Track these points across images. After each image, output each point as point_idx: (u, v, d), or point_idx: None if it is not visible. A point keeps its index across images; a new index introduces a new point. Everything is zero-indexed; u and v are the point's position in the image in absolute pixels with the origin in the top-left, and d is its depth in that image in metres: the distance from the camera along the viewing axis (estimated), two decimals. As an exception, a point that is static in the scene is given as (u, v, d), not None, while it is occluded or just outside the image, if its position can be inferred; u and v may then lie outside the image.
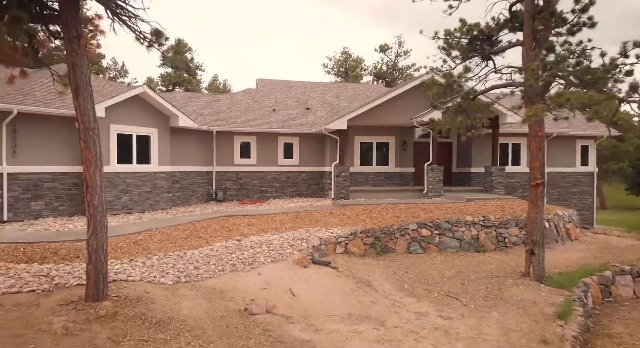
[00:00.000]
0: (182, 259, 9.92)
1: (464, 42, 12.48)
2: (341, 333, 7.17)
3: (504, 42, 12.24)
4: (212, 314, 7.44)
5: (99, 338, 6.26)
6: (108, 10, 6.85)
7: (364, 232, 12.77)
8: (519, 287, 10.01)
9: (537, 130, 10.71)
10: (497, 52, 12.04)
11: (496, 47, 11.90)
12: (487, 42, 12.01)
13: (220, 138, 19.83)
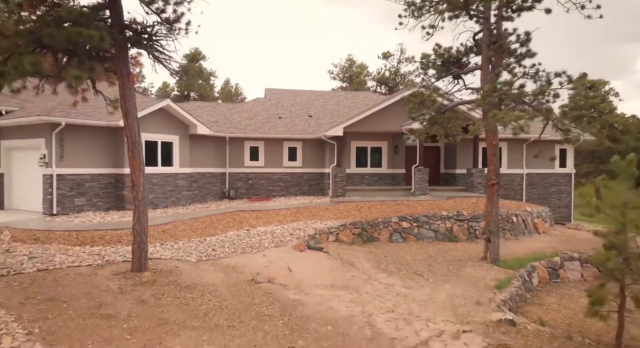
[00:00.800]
0: (202, 244, 12.13)
1: (438, 63, 14.54)
2: (324, 296, 9.31)
3: (472, 64, 14.27)
4: (227, 282, 9.62)
5: (144, 295, 8.47)
6: (150, 55, 9.05)
7: (352, 224, 14.90)
8: (474, 268, 12.06)
9: (491, 139, 12.74)
10: (465, 73, 14.07)
11: (463, 70, 13.93)
12: (456, 65, 14.05)
13: (233, 143, 22.07)
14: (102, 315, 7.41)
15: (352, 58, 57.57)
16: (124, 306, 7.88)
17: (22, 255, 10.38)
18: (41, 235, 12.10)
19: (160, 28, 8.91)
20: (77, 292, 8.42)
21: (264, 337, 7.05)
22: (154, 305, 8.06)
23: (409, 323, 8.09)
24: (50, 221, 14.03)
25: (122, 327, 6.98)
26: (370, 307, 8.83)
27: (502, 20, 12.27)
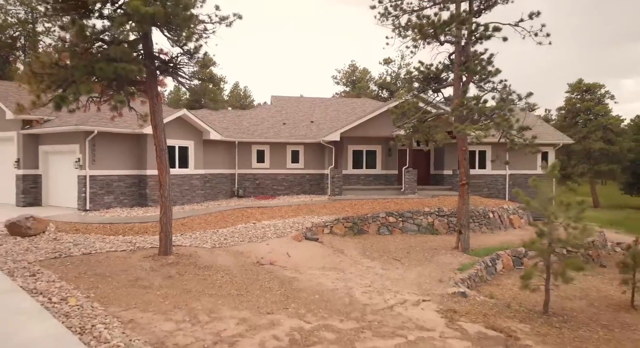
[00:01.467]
0: (216, 234, 14.12)
1: (420, 78, 16.41)
2: (315, 275, 11.24)
3: (449, 80, 16.10)
4: (236, 264, 11.58)
5: (171, 272, 10.45)
6: (174, 80, 11.04)
7: (345, 219, 16.81)
8: (446, 255, 13.92)
9: (461, 145, 14.58)
10: (442, 87, 15.93)
11: (441, 85, 15.78)
12: (435, 80, 15.90)
13: (241, 147, 24.07)
14: (139, 286, 9.41)
15: (355, 64, 59.50)
16: (156, 280, 9.87)
17: (68, 243, 12.43)
18: (80, 227, 14.16)
19: (182, 58, 10.91)
20: (117, 270, 10.43)
21: (265, 302, 8.99)
22: (179, 279, 10.05)
23: (380, 294, 9.99)
24: (85, 215, 16.09)
25: (156, 294, 8.96)
26: (352, 283, 10.75)
27: (471, 44, 14.11)
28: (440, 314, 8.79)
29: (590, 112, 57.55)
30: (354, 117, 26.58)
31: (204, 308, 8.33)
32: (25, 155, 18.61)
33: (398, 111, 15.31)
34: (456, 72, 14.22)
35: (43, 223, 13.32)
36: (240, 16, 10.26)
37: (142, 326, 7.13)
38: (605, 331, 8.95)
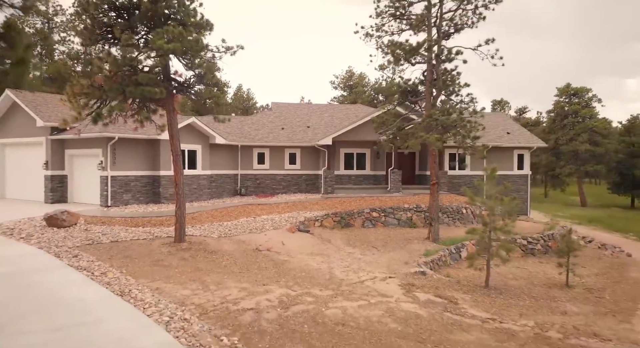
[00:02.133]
0: (221, 226, 16.23)
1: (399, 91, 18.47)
2: (304, 258, 13.34)
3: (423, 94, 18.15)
4: (239, 249, 13.69)
5: (185, 256, 12.56)
6: (188, 97, 13.15)
7: (334, 214, 18.90)
8: (417, 244, 16.01)
9: (432, 151, 16.64)
10: (418, 100, 17.99)
11: (417, 98, 17.85)
12: (412, 93, 17.97)
13: (243, 150, 26.18)
14: (160, 265, 11.52)
15: (352, 69, 61.61)
16: (173, 261, 11.99)
17: (97, 233, 14.55)
18: (105, 220, 16.29)
19: (195, 79, 13.02)
20: (141, 253, 12.54)
21: (261, 277, 11.09)
22: (192, 260, 12.16)
23: (355, 273, 12.09)
24: (107, 211, 18.22)
25: (175, 271, 11.07)
26: (333, 264, 12.85)
27: (440, 63, 16.18)
28: (400, 287, 10.89)
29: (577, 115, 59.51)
30: (347, 122, 28.64)
31: (212, 281, 10.44)
32: (53, 158, 20.75)
33: (379, 120, 17.40)
34: (427, 88, 16.30)
35: (75, 216, 15.45)
36: (242, 47, 12.36)
37: (166, 292, 9.24)
38: (532, 301, 11.04)
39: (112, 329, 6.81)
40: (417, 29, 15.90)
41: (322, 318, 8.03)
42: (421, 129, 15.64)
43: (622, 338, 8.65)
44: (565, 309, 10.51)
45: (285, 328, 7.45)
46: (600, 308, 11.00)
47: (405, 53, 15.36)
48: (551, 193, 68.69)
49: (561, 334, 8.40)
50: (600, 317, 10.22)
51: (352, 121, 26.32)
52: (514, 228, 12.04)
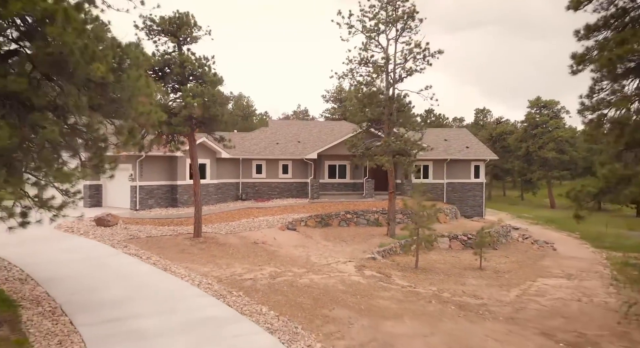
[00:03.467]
0: (228, 225, 20.37)
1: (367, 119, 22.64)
2: (289, 249, 17.50)
3: (386, 121, 22.32)
4: (241, 243, 17.83)
5: (202, 246, 16.70)
6: (205, 132, 17.31)
7: (316, 216, 23.06)
8: (378, 238, 20.18)
9: (389, 167, 20.82)
10: (381, 127, 22.18)
11: (380, 126, 22.04)
12: (377, 122, 22.16)
13: (244, 162, 30.31)
14: (185, 253, 15.64)
15: (342, 84, 65.94)
16: (194, 250, 16.12)
17: (134, 230, 18.64)
18: (138, 220, 20.37)
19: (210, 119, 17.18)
20: (170, 245, 16.66)
21: (258, 261, 15.22)
22: (207, 250, 16.29)
23: (325, 258, 16.26)
24: (137, 213, 22.31)
25: (196, 256, 15.20)
26: (311, 253, 17.02)
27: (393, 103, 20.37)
28: (355, 267, 15.07)
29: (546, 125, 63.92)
30: (332, 138, 32.81)
31: (223, 263, 14.59)
32: (90, 170, 24.82)
33: (350, 143, 21.61)
34: (385, 121, 20.51)
35: (116, 218, 19.56)
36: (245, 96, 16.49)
37: (193, 269, 13.37)
38: (445, 277, 15.25)
39: (165, 287, 10.96)
40: (378, 74, 20.11)
41: (296, 284, 12.21)
42: (379, 151, 19.87)
43: (492, 299, 12.86)
44: (466, 282, 14.72)
45: (271, 288, 11.61)
46: (493, 282, 15.21)
47: (366, 97, 19.56)
48: (527, 196, 72.90)
49: (450, 295, 12.61)
50: (489, 287, 14.43)
51: (336, 137, 30.48)
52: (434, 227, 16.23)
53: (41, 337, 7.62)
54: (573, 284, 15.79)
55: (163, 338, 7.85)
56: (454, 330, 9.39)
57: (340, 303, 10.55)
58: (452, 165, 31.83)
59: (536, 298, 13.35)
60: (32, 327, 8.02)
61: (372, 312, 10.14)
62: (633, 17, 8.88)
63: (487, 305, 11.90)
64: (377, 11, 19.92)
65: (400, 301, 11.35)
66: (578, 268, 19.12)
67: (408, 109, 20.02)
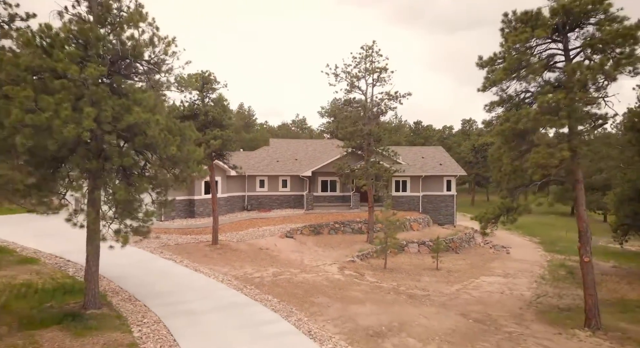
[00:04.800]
0: (237, 234, 24.32)
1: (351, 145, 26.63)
2: (288, 254, 21.45)
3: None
4: (249, 249, 21.78)
5: (219, 252, 20.65)
6: (221, 161, 21.29)
7: (310, 225, 27.00)
8: (360, 245, 24.14)
9: (369, 187, 24.78)
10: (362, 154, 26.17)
11: (361, 153, 26.02)
12: (359, 149, 26.16)
13: (249, 178, 34.26)
14: (207, 257, 19.59)
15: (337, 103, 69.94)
16: (213, 255, 20.06)
17: (164, 239, 22.53)
18: (165, 230, 24.27)
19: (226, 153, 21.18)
20: (195, 250, 20.60)
21: (263, 263, 19.16)
22: (224, 255, 20.23)
23: (316, 261, 20.22)
24: (162, 224, 26.19)
25: (216, 259, 19.15)
26: (305, 257, 20.97)
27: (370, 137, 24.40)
28: (337, 268, 19.03)
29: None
30: (324, 156, 36.77)
31: (237, 265, 18.54)
32: (122, 187, 28.77)
33: (337, 166, 25.64)
34: (365, 149, 24.52)
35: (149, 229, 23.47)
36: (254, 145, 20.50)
37: (215, 270, 17.31)
38: (406, 275, 19.22)
39: (198, 283, 14.91)
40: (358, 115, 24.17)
41: (292, 281, 16.18)
42: (360, 174, 23.91)
43: (436, 292, 16.83)
44: (421, 279, 18.71)
45: (274, 283, 15.57)
46: (443, 280, 19.19)
47: (348, 133, 23.62)
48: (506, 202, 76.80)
49: (405, 288, 16.59)
50: (437, 283, 18.41)
51: (329, 156, 34.46)
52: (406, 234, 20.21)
53: (129, 313, 11.58)
54: (505, 281, 19.80)
55: (205, 314, 11.81)
56: (399, 311, 13.37)
57: (323, 294, 14.54)
58: (427, 180, 35.87)
59: (470, 291, 17.35)
60: (120, 308, 11.99)
61: (345, 299, 14.13)
62: (515, 102, 12.85)
63: (429, 296, 15.90)
64: (359, 61, 24.00)
65: (367, 292, 15.33)
66: (518, 269, 23.11)
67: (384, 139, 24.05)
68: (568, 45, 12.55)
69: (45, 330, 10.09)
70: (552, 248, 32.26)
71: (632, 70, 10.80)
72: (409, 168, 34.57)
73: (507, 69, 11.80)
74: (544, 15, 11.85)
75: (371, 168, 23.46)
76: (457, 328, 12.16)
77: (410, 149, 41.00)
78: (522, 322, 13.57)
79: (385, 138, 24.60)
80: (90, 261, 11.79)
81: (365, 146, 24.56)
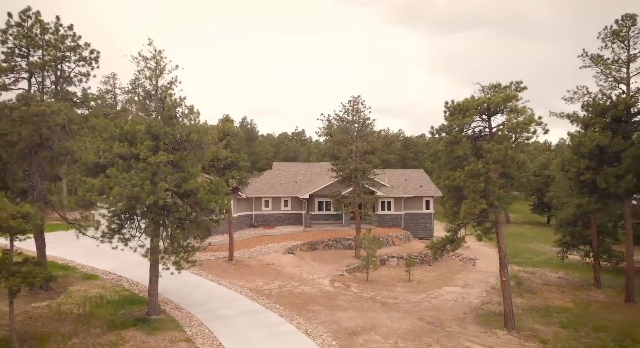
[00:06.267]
0: (248, 251, 28.57)
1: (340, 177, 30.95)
2: (290, 269, 25.70)
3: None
4: (259, 265, 26.03)
5: (235, 267, 24.92)
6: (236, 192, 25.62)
7: (307, 242, 31.25)
8: (349, 259, 28.40)
9: (356, 212, 29.07)
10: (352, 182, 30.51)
11: (350, 182, 30.36)
12: (348, 179, 30.48)
13: (256, 199, 38.53)
14: (226, 272, 23.86)
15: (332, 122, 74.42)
16: (230, 270, 24.31)
17: (188, 255, 26.76)
18: (188, 247, 28.47)
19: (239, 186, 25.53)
20: (214, 266, 24.84)
21: (271, 277, 23.39)
22: (239, 270, 24.47)
23: (312, 274, 24.47)
24: (184, 241, 30.38)
25: (233, 274, 23.41)
26: (303, 271, 25.23)
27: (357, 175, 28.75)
28: (329, 281, 23.29)
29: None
30: (321, 179, 41.05)
31: (250, 278, 22.79)
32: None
33: (330, 192, 29.97)
34: (353, 181, 28.87)
35: (175, 246, 27.72)
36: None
37: (234, 283, 21.59)
38: (382, 286, 23.51)
39: (223, 294, 19.19)
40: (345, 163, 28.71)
41: (293, 292, 20.43)
42: (348, 201, 28.27)
43: (404, 300, 21.09)
44: (394, 290, 22.98)
45: (280, 294, 19.82)
46: (412, 290, 23.43)
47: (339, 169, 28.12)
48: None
49: (381, 297, 20.87)
50: (407, 293, 22.65)
51: (324, 179, 38.78)
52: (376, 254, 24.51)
53: (180, 318, 15.83)
54: (462, 291, 24.07)
55: (233, 318, 16.05)
56: (372, 316, 17.64)
57: (317, 303, 18.82)
58: (409, 200, 40.22)
59: (431, 300, 21.62)
60: (172, 314, 16.24)
61: (333, 307, 18.40)
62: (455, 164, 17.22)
63: (398, 304, 20.17)
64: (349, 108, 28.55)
65: (350, 301, 19.61)
66: (477, 279, 27.38)
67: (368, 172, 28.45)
68: (491, 124, 17.01)
69: (126, 330, 14.34)
70: (513, 259, 36.27)
71: (529, 151, 15.22)
72: (393, 190, 38.95)
73: (444, 144, 16.27)
74: (473, 106, 16.26)
75: (357, 197, 27.85)
76: (412, 329, 16.44)
77: (395, 171, 45.39)
78: (462, 323, 17.86)
79: (369, 170, 28.97)
80: (152, 281, 16.04)
81: (352, 177, 28.97)
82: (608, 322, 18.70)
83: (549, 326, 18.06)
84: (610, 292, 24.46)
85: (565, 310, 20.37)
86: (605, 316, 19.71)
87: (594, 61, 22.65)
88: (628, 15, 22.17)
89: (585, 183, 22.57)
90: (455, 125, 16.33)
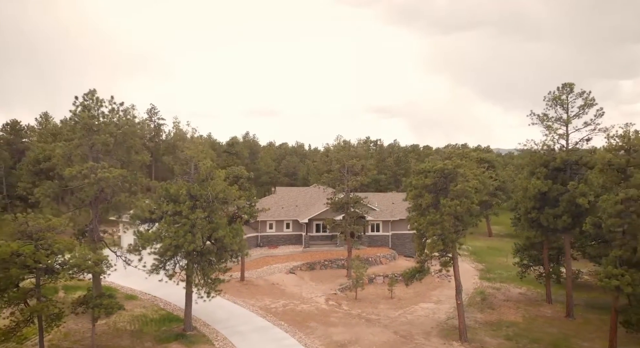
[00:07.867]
0: (256, 272, 32.71)
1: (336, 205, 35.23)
2: (291, 288, 29.83)
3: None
4: (265, 284, 30.16)
5: (247, 287, 29.08)
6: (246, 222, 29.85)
7: (306, 263, 35.39)
8: (342, 279, 32.54)
9: (348, 228, 33.28)
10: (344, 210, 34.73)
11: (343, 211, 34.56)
12: (341, 207, 34.73)
13: (261, 222, 42.71)
14: (239, 291, 28.02)
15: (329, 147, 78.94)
16: (242, 289, 28.46)
17: (206, 276, 30.89)
18: (205, 268, 32.62)
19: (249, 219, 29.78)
20: (229, 287, 28.86)
21: (276, 297, 27.50)
22: (249, 289, 28.61)
23: (310, 294, 28.60)
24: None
25: (244, 293, 27.56)
26: (302, 290, 29.37)
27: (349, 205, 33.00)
28: (324, 300, 27.43)
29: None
30: (319, 203, 45.18)
31: (259, 297, 26.93)
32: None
33: (328, 222, 34.26)
34: (345, 208, 33.15)
35: (195, 268, 31.88)
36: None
37: (246, 301, 25.76)
38: (369, 304, 27.66)
39: (238, 312, 23.39)
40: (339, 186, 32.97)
41: (295, 310, 24.59)
42: (344, 226, 32.55)
43: (385, 316, 25.22)
44: (377, 306, 27.10)
45: (284, 312, 23.96)
46: (393, 306, 27.52)
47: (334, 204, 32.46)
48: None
49: (366, 314, 25.03)
50: (388, 309, 26.75)
51: (321, 205, 43.00)
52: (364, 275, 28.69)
53: (208, 333, 19.98)
54: (434, 307, 28.19)
55: (249, 333, 20.21)
56: (358, 331, 21.77)
57: (314, 320, 22.98)
58: (395, 222, 44.46)
59: (407, 315, 25.75)
60: (202, 330, 20.39)
61: (327, 323, 22.55)
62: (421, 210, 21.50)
63: (380, 319, 24.31)
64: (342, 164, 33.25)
65: (341, 318, 23.75)
66: (449, 296, 31.38)
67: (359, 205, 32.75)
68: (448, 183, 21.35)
69: (170, 344, 18.48)
70: (485, 275, 40.31)
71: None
72: (381, 213, 43.19)
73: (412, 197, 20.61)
74: (433, 170, 20.60)
75: (348, 226, 32.12)
76: (387, 341, 20.61)
77: (384, 195, 49.67)
78: (427, 336, 22.01)
79: (358, 204, 33.31)
80: (188, 305, 20.21)
81: (344, 207, 33.27)
82: (545, 335, 22.85)
83: (496, 338, 22.21)
84: (558, 307, 28.59)
85: (513, 324, 24.52)
86: (545, 329, 23.86)
87: (540, 120, 27.08)
88: (566, 84, 26.69)
89: (532, 220, 26.87)
90: (419, 184, 20.67)
